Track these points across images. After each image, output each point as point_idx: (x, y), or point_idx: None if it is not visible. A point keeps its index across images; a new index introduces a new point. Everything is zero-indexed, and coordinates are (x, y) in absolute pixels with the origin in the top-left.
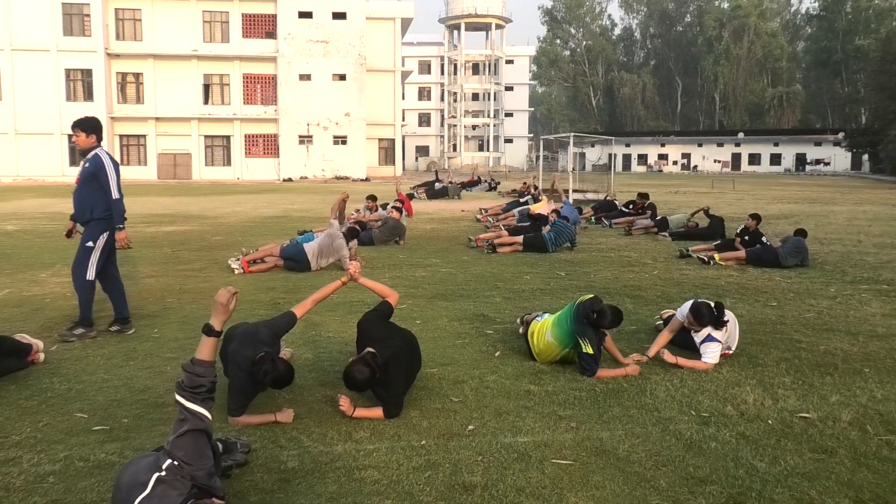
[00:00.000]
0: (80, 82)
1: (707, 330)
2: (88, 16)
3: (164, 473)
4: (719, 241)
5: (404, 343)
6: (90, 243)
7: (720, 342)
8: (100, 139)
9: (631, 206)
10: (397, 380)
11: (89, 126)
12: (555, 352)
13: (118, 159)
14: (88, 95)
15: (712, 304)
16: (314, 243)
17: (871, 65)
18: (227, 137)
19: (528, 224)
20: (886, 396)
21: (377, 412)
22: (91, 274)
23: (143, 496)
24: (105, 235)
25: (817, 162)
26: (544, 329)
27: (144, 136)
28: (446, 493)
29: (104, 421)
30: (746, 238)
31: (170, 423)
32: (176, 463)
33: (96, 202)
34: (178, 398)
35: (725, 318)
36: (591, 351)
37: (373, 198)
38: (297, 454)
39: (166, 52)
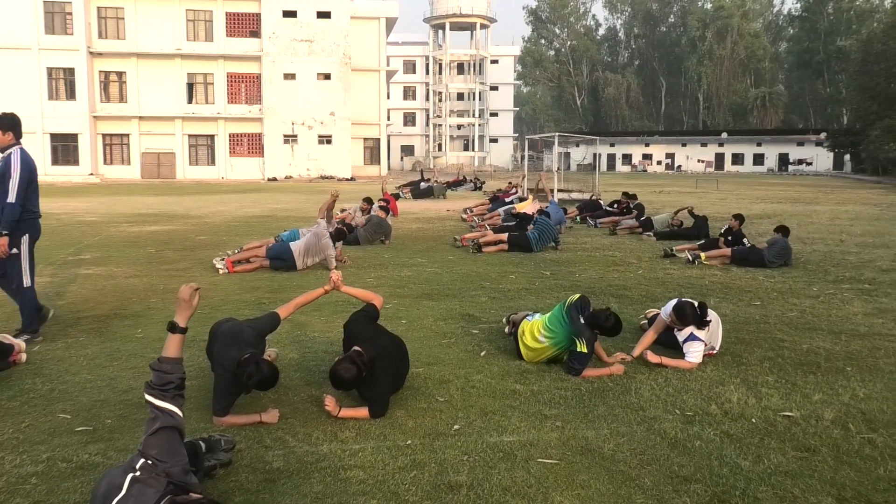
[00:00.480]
0: (63, 81)
1: (690, 329)
2: (70, 14)
3: (138, 473)
4: (703, 241)
5: (391, 344)
6: (14, 250)
7: (703, 341)
8: (18, 136)
9: (616, 206)
10: (383, 379)
11: (5, 123)
12: (546, 353)
13: (102, 158)
14: (71, 94)
15: (696, 304)
16: (300, 242)
17: (853, 65)
18: (212, 137)
19: (513, 223)
20: (868, 395)
21: (363, 412)
22: (27, 280)
23: (119, 497)
24: (26, 237)
25: (800, 162)
26: (535, 330)
27: (128, 135)
28: (432, 492)
29: (87, 422)
30: (730, 238)
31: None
32: (150, 462)
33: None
34: (148, 397)
35: (708, 318)
36: (585, 350)
37: (368, 200)
38: (283, 454)
39: (149, 50)
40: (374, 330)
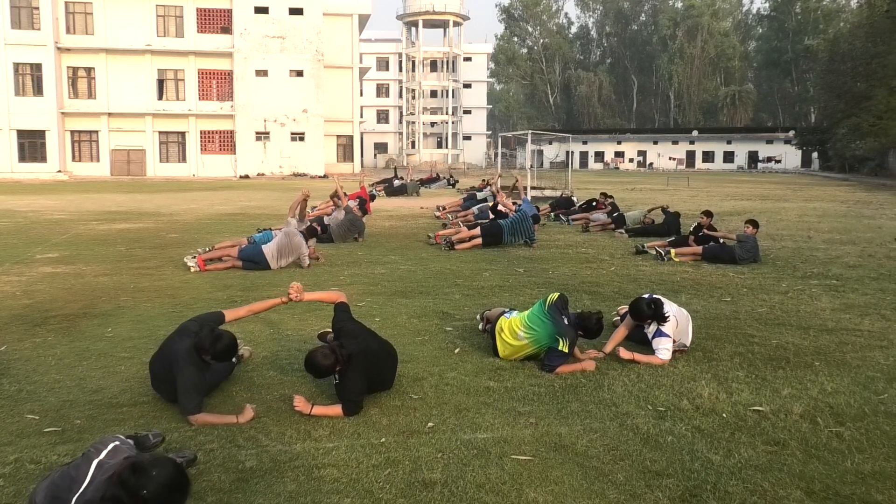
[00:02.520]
0: (30, 76)
1: (655, 324)
2: (37, 8)
3: (102, 457)
4: (673, 238)
5: (377, 346)
6: None
7: (670, 336)
8: None
9: (595, 203)
10: (353, 376)
11: None
12: (525, 350)
13: (70, 155)
14: (38, 90)
15: (651, 301)
16: (272, 244)
17: (820, 65)
18: (183, 133)
19: (487, 221)
20: (836, 389)
21: (336, 410)
22: None
23: (83, 486)
24: None
25: (769, 159)
26: (514, 328)
27: (97, 131)
28: (406, 490)
29: (56, 422)
30: (700, 235)
31: (124, 424)
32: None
33: None
34: None
35: (666, 314)
36: (566, 351)
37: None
38: (256, 453)
39: (119, 46)
40: (361, 330)
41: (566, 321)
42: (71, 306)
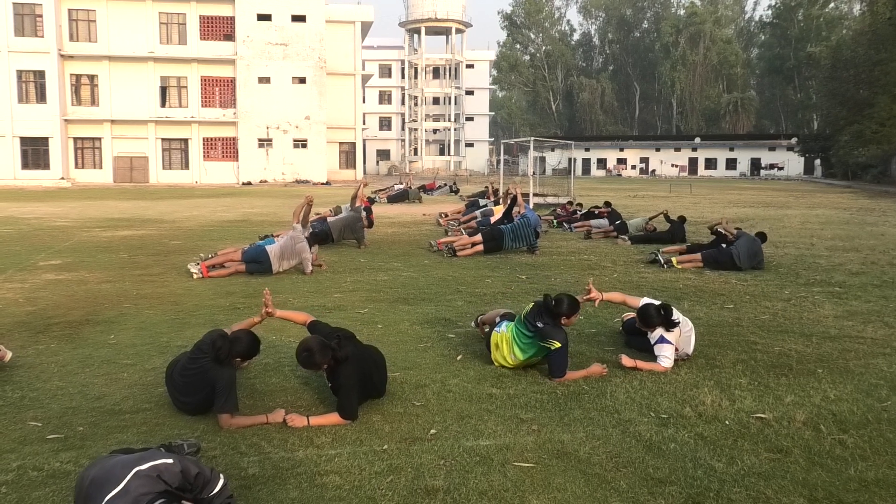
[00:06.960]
0: (33, 84)
1: (659, 331)
2: (41, 16)
3: (144, 468)
4: (689, 245)
5: (371, 356)
6: None
7: (672, 343)
8: None
9: (596, 212)
10: (350, 381)
11: None
12: (522, 364)
13: (73, 162)
14: (41, 97)
15: (659, 306)
16: (276, 245)
17: (823, 72)
18: (185, 140)
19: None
20: (839, 396)
21: (333, 418)
22: None
23: (115, 492)
24: None
25: (771, 167)
26: (504, 353)
27: (100, 138)
28: (409, 497)
29: (59, 429)
30: (723, 245)
31: (127, 431)
32: (155, 464)
33: None
34: None
35: (675, 319)
36: (559, 345)
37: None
38: (258, 460)
39: (122, 53)
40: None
41: (542, 325)
42: (74, 313)
